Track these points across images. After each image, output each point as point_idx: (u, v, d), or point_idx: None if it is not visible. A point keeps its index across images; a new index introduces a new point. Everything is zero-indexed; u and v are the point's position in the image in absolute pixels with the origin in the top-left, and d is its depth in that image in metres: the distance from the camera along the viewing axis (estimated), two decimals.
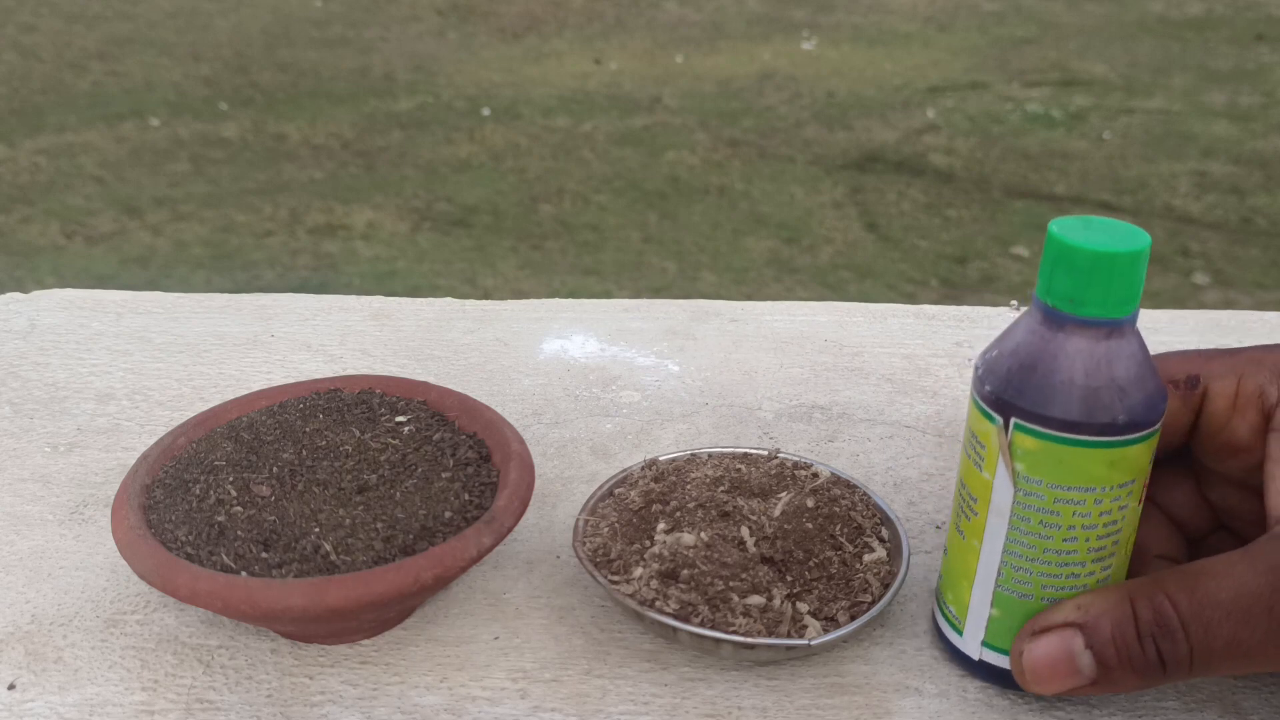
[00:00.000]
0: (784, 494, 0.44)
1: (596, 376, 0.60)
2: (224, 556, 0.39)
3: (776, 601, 0.40)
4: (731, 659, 0.40)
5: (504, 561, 0.46)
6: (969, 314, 0.68)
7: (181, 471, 0.43)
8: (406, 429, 0.46)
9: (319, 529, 0.40)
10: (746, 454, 0.48)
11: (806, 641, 0.39)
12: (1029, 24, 4.94)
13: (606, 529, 0.43)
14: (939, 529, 0.49)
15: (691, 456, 0.48)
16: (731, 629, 0.39)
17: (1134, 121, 3.65)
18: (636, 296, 1.10)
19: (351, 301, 0.68)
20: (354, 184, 3.11)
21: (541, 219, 2.89)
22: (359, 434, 0.45)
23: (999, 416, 0.36)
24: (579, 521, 0.44)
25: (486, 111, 3.75)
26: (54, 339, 0.63)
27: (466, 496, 0.42)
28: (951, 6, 5.26)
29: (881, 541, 0.44)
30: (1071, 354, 0.35)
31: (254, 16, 4.95)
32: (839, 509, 0.44)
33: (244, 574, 0.38)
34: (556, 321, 0.66)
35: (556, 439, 0.55)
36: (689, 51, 4.55)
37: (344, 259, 2.64)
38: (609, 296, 1.09)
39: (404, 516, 0.41)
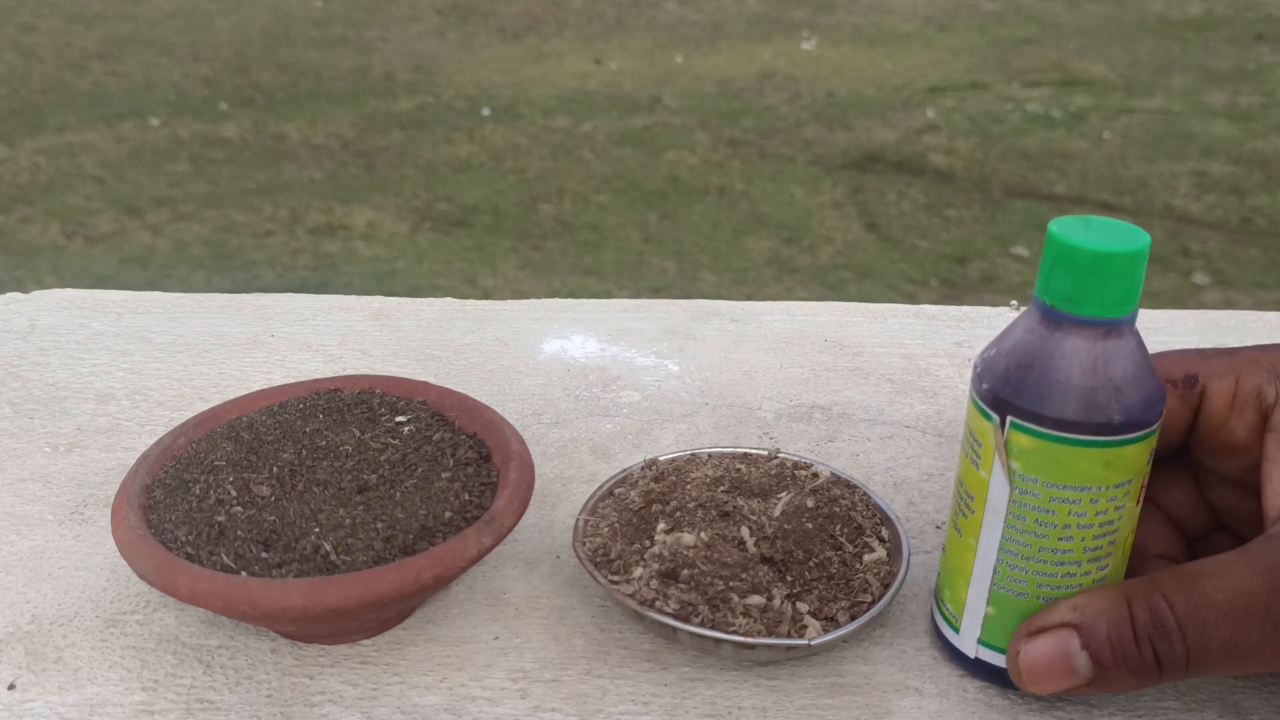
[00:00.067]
0: (784, 494, 0.44)
1: (596, 376, 0.60)
2: (224, 556, 0.39)
3: (776, 601, 0.40)
4: (731, 659, 0.40)
5: (504, 561, 0.46)
6: (969, 314, 0.68)
7: (181, 471, 0.44)
8: (406, 429, 0.46)
9: (319, 529, 0.40)
10: (746, 454, 0.48)
11: (806, 641, 0.39)
12: (1029, 24, 4.94)
13: (606, 529, 0.43)
14: (939, 529, 0.49)
15: (691, 456, 0.48)
16: (731, 629, 0.39)
17: (1134, 121, 3.65)
18: (636, 296, 1.10)
19: (351, 301, 0.68)
20: (354, 184, 3.11)
21: (541, 219, 2.89)
22: (359, 434, 0.45)
23: (996, 415, 0.36)
24: (579, 521, 0.44)
25: (486, 111, 3.75)
26: (54, 339, 0.63)
27: (466, 496, 0.43)
28: (951, 6, 5.26)
29: (881, 541, 0.44)
30: (1069, 353, 0.35)
31: (254, 16, 4.95)
32: (839, 509, 0.44)
33: (244, 574, 0.38)
34: (556, 321, 0.66)
35: (556, 439, 0.55)
36: (689, 51, 4.55)
37: (344, 259, 2.64)
38: (609, 296, 1.09)
39: (404, 516, 0.41)
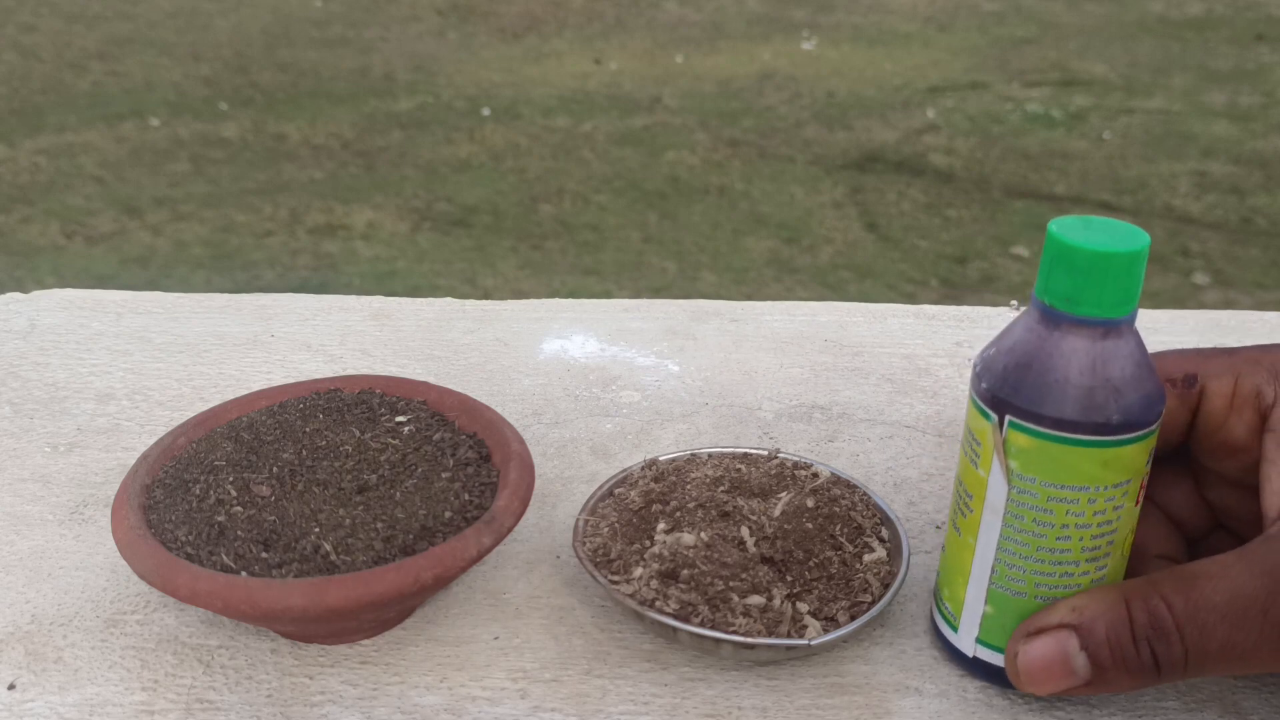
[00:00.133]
0: (784, 494, 0.44)
1: (596, 376, 0.60)
2: (224, 556, 0.39)
3: (776, 601, 0.40)
4: (731, 659, 0.40)
5: (504, 561, 0.46)
6: (969, 314, 0.68)
7: (181, 471, 0.44)
8: (406, 429, 0.46)
9: (319, 529, 0.40)
10: (746, 454, 0.48)
11: (806, 641, 0.39)
12: (1029, 24, 4.94)
13: (606, 529, 0.43)
14: (939, 529, 0.49)
15: (691, 456, 0.48)
16: (731, 629, 0.39)
17: (1134, 121, 3.65)
18: (636, 296, 1.10)
19: (351, 301, 0.68)
20: (354, 184, 3.11)
21: (541, 219, 2.89)
22: (359, 434, 0.45)
23: (994, 414, 0.36)
24: (579, 521, 0.44)
25: (486, 111, 3.75)
26: (54, 339, 0.63)
27: (466, 496, 0.43)
28: (951, 6, 5.26)
29: (881, 541, 0.44)
30: (1067, 353, 0.35)
31: (254, 16, 4.95)
32: (839, 509, 0.44)
33: (244, 574, 0.38)
34: (556, 321, 0.66)
35: (556, 439, 0.55)
36: (689, 51, 4.55)
37: (344, 259, 2.64)
38: (609, 296, 1.09)
39: (404, 516, 0.41)
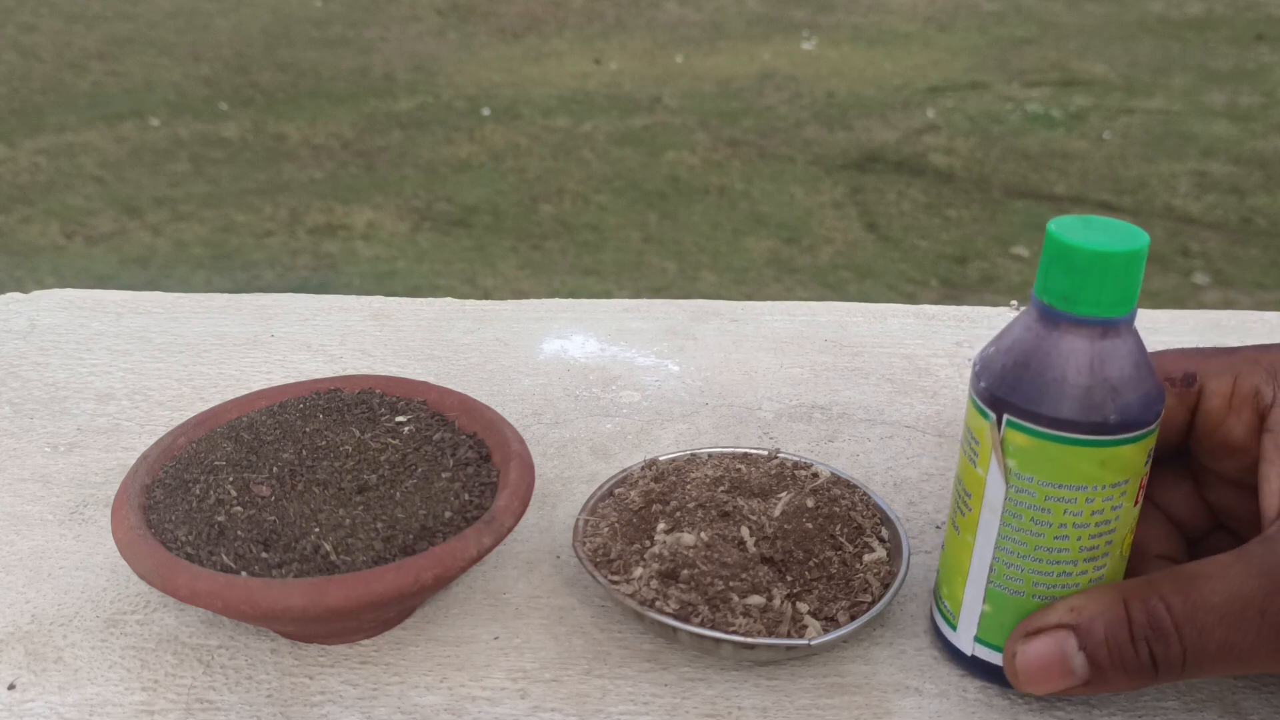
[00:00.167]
0: (784, 494, 0.44)
1: (596, 376, 0.60)
2: (224, 556, 0.39)
3: (776, 601, 0.40)
4: (731, 659, 0.40)
5: (504, 561, 0.46)
6: (969, 314, 0.68)
7: (181, 471, 0.44)
8: (406, 429, 0.46)
9: (319, 529, 0.40)
10: (746, 454, 0.48)
11: (806, 641, 0.39)
12: (1029, 24, 4.94)
13: (606, 529, 0.43)
14: (939, 529, 0.49)
15: (691, 456, 0.48)
16: (731, 629, 0.39)
17: (1134, 121, 3.65)
18: (636, 296, 1.10)
19: (351, 301, 0.68)
20: (354, 184, 3.11)
21: (541, 219, 2.89)
22: (359, 434, 0.45)
23: (993, 413, 0.36)
24: (579, 521, 0.44)
25: (486, 111, 3.75)
26: (54, 339, 0.63)
27: (466, 496, 0.43)
28: (951, 6, 5.26)
29: (881, 541, 0.44)
30: (1065, 352, 0.35)
31: (254, 16, 4.95)
32: (839, 509, 0.44)
33: (244, 574, 0.38)
34: (556, 321, 0.66)
35: (556, 439, 0.55)
36: (689, 51, 4.55)
37: (344, 259, 2.64)
38: (609, 296, 1.09)
39: (404, 516, 0.41)
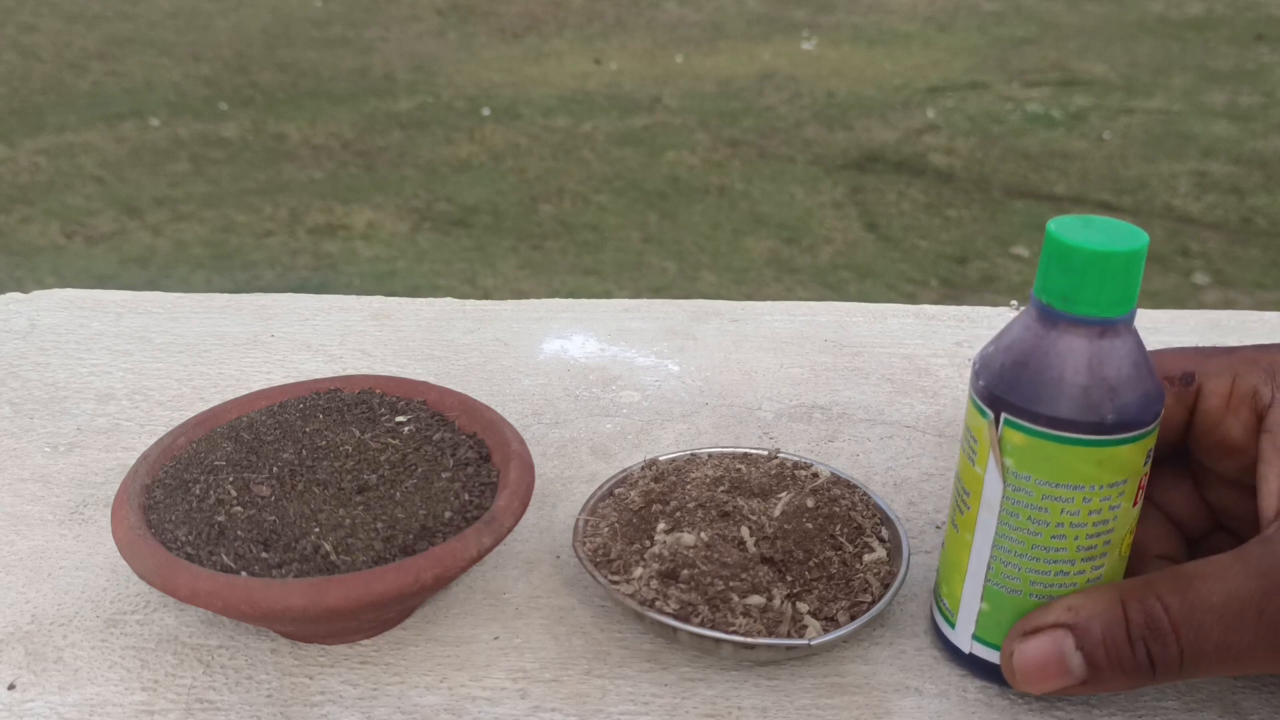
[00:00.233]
0: (784, 494, 0.44)
1: (596, 376, 0.60)
2: (224, 556, 0.39)
3: (776, 601, 0.40)
4: (731, 659, 0.40)
5: (504, 561, 0.46)
6: (969, 314, 0.68)
7: (181, 471, 0.44)
8: (406, 429, 0.46)
9: (319, 529, 0.40)
10: (746, 454, 0.48)
11: (806, 641, 0.39)
12: (1029, 24, 4.94)
13: (606, 529, 0.43)
14: (939, 529, 0.49)
15: (691, 456, 0.48)
16: (731, 629, 0.39)
17: (1134, 121, 3.65)
18: (636, 296, 1.10)
19: (351, 301, 0.68)
20: (354, 184, 3.11)
21: (541, 219, 2.89)
22: (359, 434, 0.45)
23: (990, 412, 0.36)
24: (579, 521, 0.44)
25: (486, 111, 3.75)
26: (54, 339, 0.63)
27: (466, 496, 0.43)
28: (951, 6, 5.26)
29: (881, 541, 0.44)
30: (1063, 352, 0.35)
31: (254, 16, 4.95)
32: (839, 509, 0.44)
33: (244, 574, 0.38)
34: (556, 321, 0.66)
35: (556, 439, 0.55)
36: (689, 51, 4.55)
37: (344, 259, 2.64)
38: (609, 296, 1.09)
39: (404, 516, 0.41)
